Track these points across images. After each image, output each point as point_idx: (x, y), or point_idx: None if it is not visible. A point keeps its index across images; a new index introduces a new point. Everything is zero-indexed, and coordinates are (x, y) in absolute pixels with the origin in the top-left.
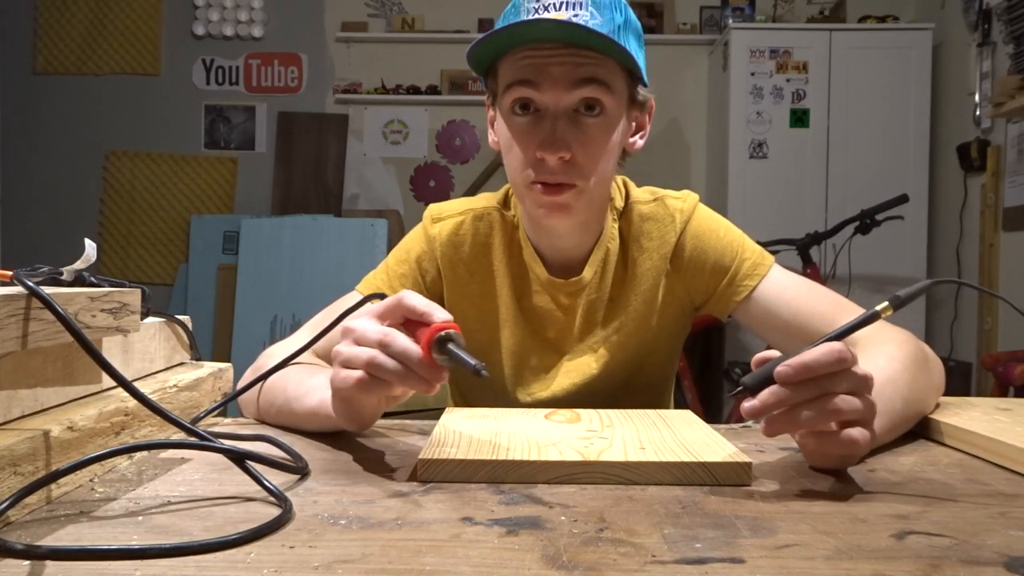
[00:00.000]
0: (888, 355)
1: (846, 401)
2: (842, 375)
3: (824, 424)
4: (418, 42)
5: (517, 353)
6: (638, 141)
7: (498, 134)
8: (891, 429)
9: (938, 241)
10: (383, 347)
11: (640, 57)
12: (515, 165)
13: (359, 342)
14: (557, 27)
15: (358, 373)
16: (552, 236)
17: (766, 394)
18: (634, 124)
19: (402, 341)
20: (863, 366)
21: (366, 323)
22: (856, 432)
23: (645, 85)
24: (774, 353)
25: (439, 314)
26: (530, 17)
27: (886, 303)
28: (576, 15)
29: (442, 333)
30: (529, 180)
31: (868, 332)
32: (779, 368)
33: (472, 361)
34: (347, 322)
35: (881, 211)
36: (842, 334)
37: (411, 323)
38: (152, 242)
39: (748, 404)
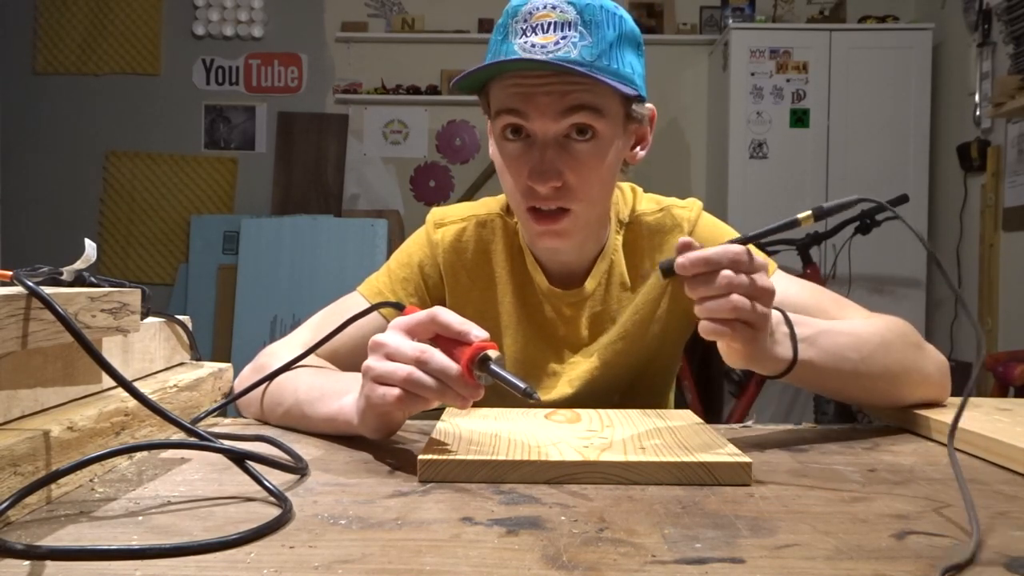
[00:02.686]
0: (871, 323)
1: (739, 301)
2: (742, 280)
3: (722, 314)
4: (418, 42)
5: (519, 360)
6: (639, 152)
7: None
8: (833, 372)
9: (938, 241)
10: (420, 364)
11: (638, 69)
12: (510, 189)
13: (392, 358)
14: (541, 63)
15: (397, 390)
16: (552, 251)
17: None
18: (634, 137)
19: (440, 358)
20: (846, 326)
21: (398, 339)
22: (744, 329)
23: (643, 100)
24: (697, 243)
25: (476, 332)
26: (517, 40)
27: (808, 212)
28: (565, 36)
29: (486, 353)
30: (523, 206)
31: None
32: (679, 259)
33: (522, 384)
34: (377, 337)
35: (881, 211)
36: (750, 239)
37: (442, 339)
38: (152, 242)
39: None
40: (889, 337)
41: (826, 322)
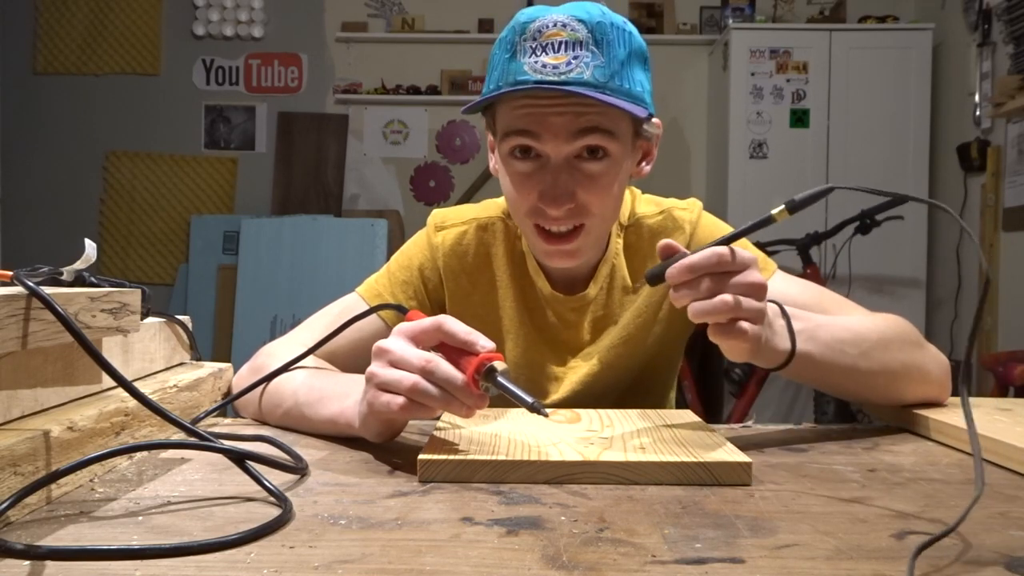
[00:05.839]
0: (870, 319)
1: (729, 300)
2: (731, 279)
3: (718, 317)
4: (418, 42)
5: (521, 364)
6: (644, 167)
7: (498, 169)
8: (832, 366)
9: (938, 241)
10: (426, 373)
11: (646, 86)
12: (516, 207)
13: (397, 365)
14: (555, 86)
15: (401, 399)
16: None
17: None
18: (640, 152)
19: (445, 368)
20: (844, 321)
21: (403, 347)
22: (744, 325)
23: (651, 116)
24: (679, 247)
25: (483, 342)
26: (527, 59)
27: (781, 206)
28: (576, 56)
29: (493, 364)
30: (532, 224)
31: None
32: (668, 269)
33: (529, 398)
34: (382, 343)
35: (881, 211)
36: (730, 239)
37: (446, 347)
38: (152, 242)
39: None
40: (889, 334)
41: (824, 317)
